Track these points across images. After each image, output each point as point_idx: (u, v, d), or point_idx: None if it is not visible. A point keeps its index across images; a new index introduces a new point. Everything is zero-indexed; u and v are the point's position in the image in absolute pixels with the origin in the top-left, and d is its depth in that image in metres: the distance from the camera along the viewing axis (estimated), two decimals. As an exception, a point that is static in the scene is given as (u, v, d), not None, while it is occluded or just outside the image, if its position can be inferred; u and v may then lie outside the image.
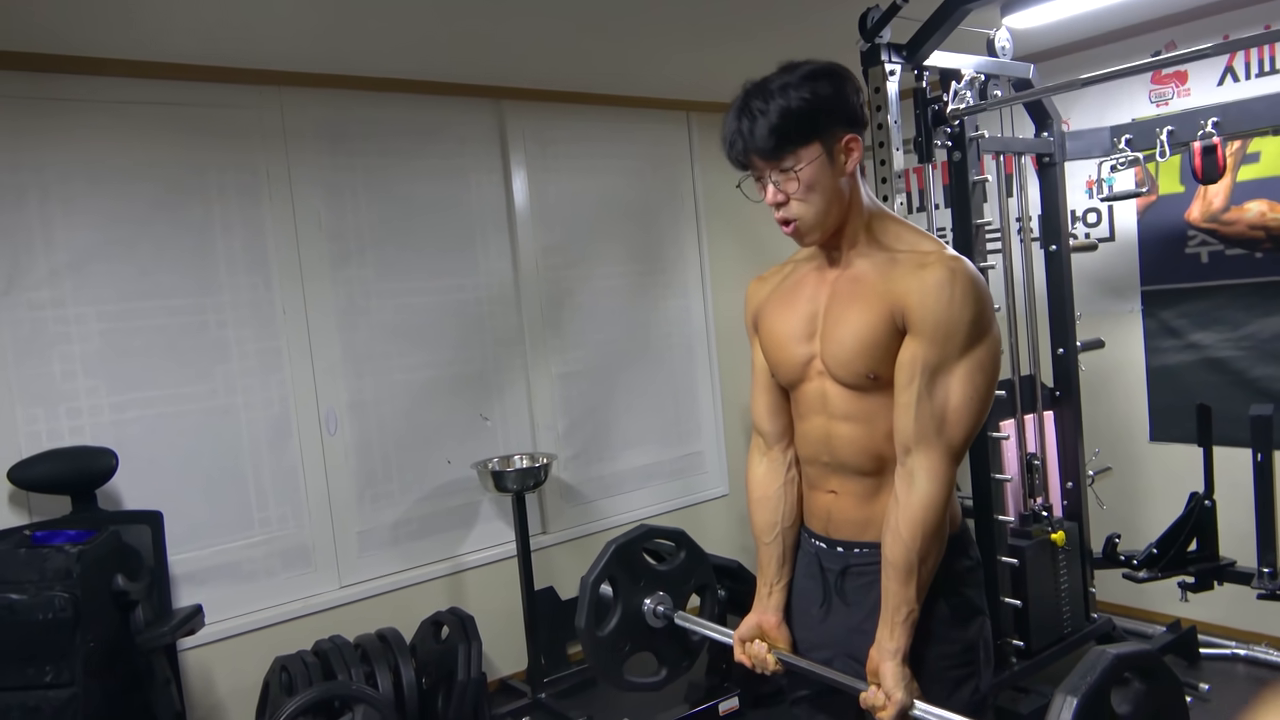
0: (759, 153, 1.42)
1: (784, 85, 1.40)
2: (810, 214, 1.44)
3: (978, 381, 1.41)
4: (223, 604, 2.94)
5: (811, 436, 1.57)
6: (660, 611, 1.90)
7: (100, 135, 2.78)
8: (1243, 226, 3.20)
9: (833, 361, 1.49)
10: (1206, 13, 3.18)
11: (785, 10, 2.87)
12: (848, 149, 1.44)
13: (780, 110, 1.38)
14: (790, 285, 1.60)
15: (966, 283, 1.39)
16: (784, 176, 1.43)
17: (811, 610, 1.62)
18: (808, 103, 1.39)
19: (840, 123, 1.42)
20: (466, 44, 2.98)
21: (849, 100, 1.44)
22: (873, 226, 1.49)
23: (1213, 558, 2.92)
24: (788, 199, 1.44)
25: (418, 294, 3.41)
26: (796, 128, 1.39)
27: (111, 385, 2.79)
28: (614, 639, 1.88)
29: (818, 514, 1.60)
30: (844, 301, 1.48)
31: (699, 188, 4.23)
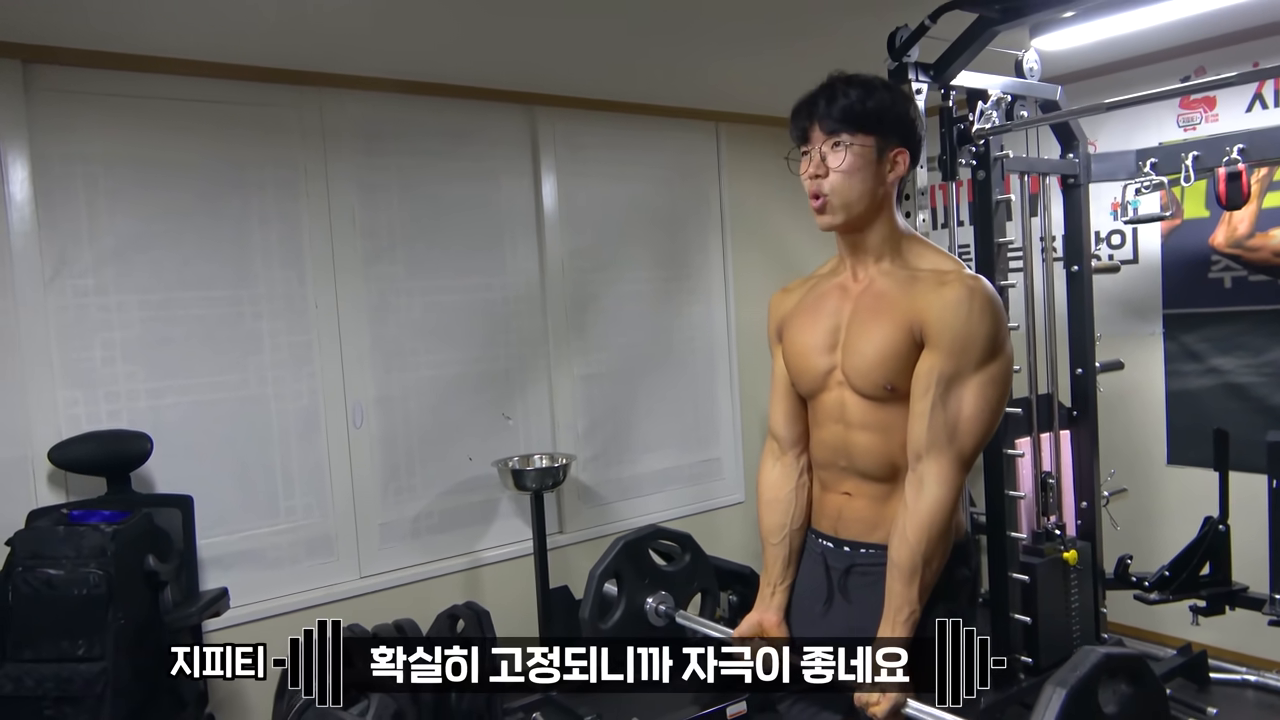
0: (822, 121, 1.52)
1: (870, 82, 1.52)
2: (842, 193, 1.52)
3: (990, 395, 1.48)
4: (247, 589, 3.02)
5: (828, 443, 1.63)
6: (662, 610, 1.96)
7: (147, 130, 2.88)
8: (1267, 253, 3.21)
9: (853, 373, 1.56)
10: (1237, 39, 3.19)
11: (816, 25, 2.92)
12: (895, 160, 1.53)
13: (860, 96, 1.50)
14: (814, 298, 1.66)
15: (984, 300, 1.47)
16: (834, 151, 1.51)
17: (814, 607, 1.67)
18: (883, 103, 1.51)
19: (900, 136, 1.53)
20: (501, 50, 3.05)
21: (915, 126, 1.56)
22: (900, 245, 1.58)
23: (1225, 582, 2.93)
24: (828, 173, 1.52)
25: (446, 292, 3.49)
26: (864, 114, 1.50)
27: (149, 371, 2.88)
28: (615, 633, 1.93)
29: (828, 514, 1.66)
30: (866, 316, 1.55)
31: (725, 197, 4.27)
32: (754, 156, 4.29)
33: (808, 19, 2.86)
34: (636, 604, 1.96)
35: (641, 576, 1.95)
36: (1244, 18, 3.04)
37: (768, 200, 4.32)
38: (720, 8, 2.72)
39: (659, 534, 2.03)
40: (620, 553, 1.93)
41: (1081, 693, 1.10)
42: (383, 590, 3.31)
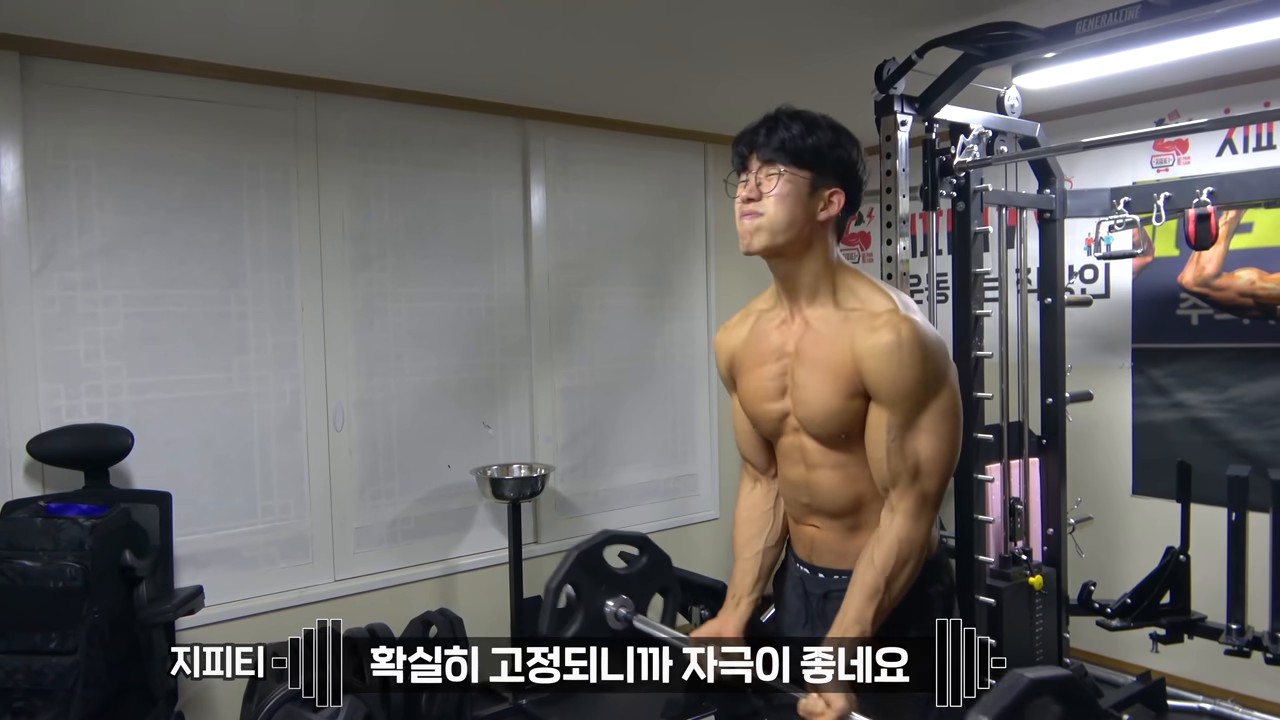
0: (759, 149, 1.55)
1: (815, 120, 1.55)
2: (771, 217, 1.53)
3: (943, 430, 1.51)
4: (221, 588, 3.02)
5: (792, 481, 1.68)
6: (621, 614, 1.93)
7: (141, 126, 2.89)
8: (1233, 293, 3.31)
9: (807, 422, 1.60)
10: (1210, 86, 3.31)
11: (806, 53, 2.99)
12: (829, 199, 1.56)
13: (801, 131, 1.53)
14: (756, 338, 1.69)
15: (913, 343, 1.47)
16: (768, 179, 1.54)
17: (796, 630, 1.71)
18: (823, 141, 1.53)
19: (837, 176, 1.56)
20: (496, 63, 3.10)
21: (855, 169, 1.58)
22: (835, 283, 1.59)
23: (1184, 611, 3.00)
24: (760, 197, 1.54)
25: (433, 300, 3.52)
26: (801, 149, 1.52)
27: (132, 367, 2.89)
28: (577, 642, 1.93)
29: (802, 542, 1.71)
30: (809, 366, 1.57)
31: (711, 217, 4.34)
32: (740, 178, 4.36)
33: (798, 49, 2.93)
34: (595, 609, 1.95)
35: (599, 583, 1.94)
36: (1217, 65, 3.15)
37: (752, 222, 4.38)
38: (713, 35, 2.79)
39: (613, 538, 2.01)
40: (575, 563, 1.92)
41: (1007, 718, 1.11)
42: (357, 594, 3.32)
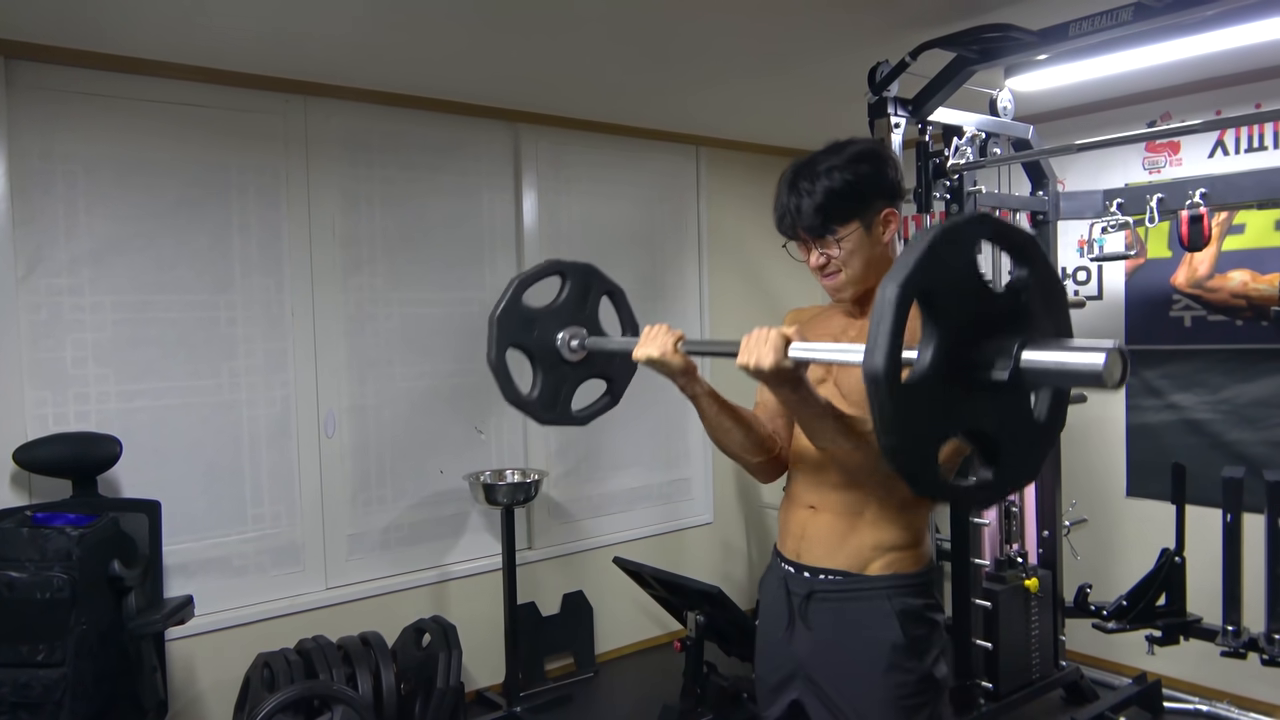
0: (806, 229, 1.58)
1: (830, 167, 1.55)
2: (848, 275, 1.59)
3: None
4: (212, 597, 2.99)
5: (807, 457, 1.67)
6: (574, 344, 1.89)
7: (129, 131, 2.86)
8: (1225, 294, 3.32)
9: (845, 385, 1.60)
10: (1202, 87, 3.32)
11: (799, 56, 2.98)
12: (885, 220, 1.59)
13: (825, 191, 1.54)
14: (819, 324, 1.72)
15: None
16: (826, 245, 1.58)
17: (776, 633, 1.69)
18: (850, 184, 1.54)
19: (879, 198, 1.58)
20: (488, 67, 3.08)
21: (888, 178, 1.59)
22: None
23: (1180, 613, 3.00)
24: (829, 261, 1.59)
25: (424, 305, 3.49)
26: (839, 207, 1.55)
27: (120, 374, 2.85)
28: (549, 393, 1.88)
29: (792, 533, 1.68)
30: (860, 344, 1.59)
31: (704, 221, 4.33)
32: (734, 181, 4.36)
33: (790, 51, 2.92)
34: (548, 356, 1.89)
35: (536, 329, 1.88)
36: (1208, 67, 3.16)
37: (746, 225, 4.38)
38: (705, 37, 2.78)
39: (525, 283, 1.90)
40: (499, 326, 1.84)
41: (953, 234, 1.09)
42: (349, 602, 3.28)
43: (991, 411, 1.14)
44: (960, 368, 1.10)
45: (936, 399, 1.10)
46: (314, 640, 3.02)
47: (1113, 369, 1.01)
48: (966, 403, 1.12)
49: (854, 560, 1.59)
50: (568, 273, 1.97)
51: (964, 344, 1.10)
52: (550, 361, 1.90)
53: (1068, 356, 1.06)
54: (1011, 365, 1.08)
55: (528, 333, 1.88)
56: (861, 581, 1.58)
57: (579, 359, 1.92)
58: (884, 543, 1.57)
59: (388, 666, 3.00)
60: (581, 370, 1.94)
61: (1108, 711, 3.15)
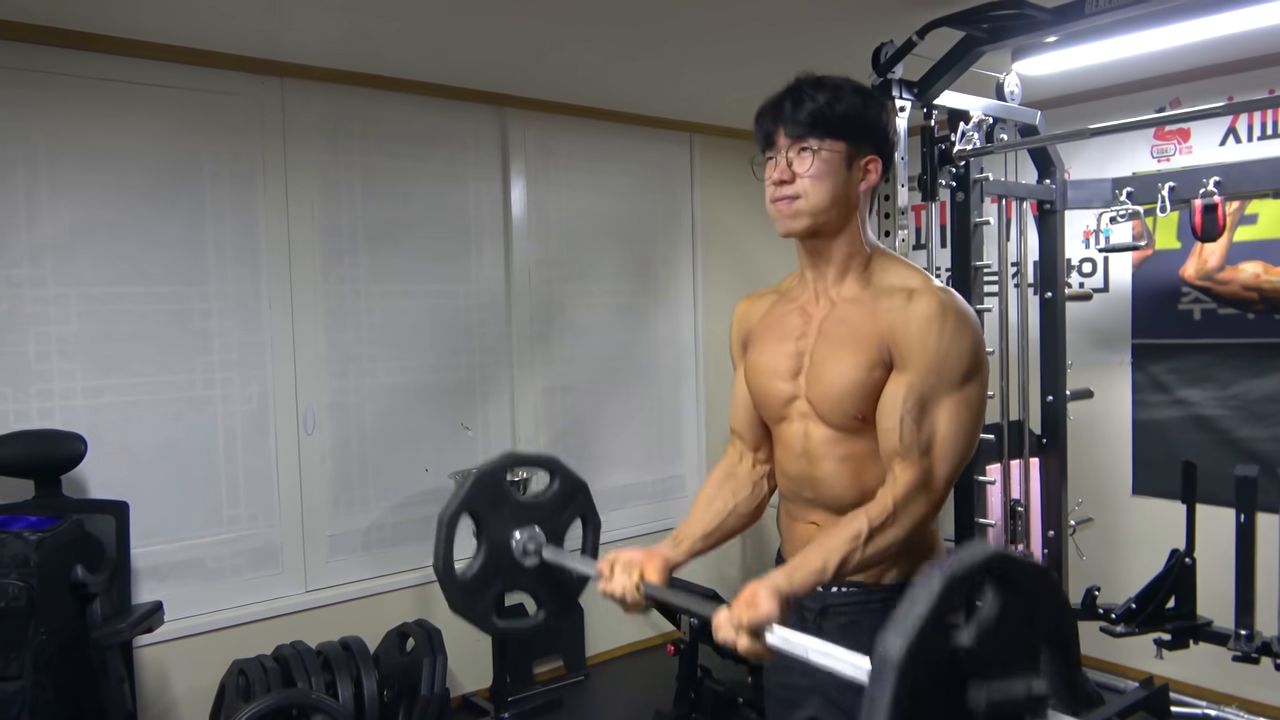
0: (788, 125, 1.42)
1: (840, 85, 1.43)
2: (812, 198, 1.41)
3: (964, 418, 1.37)
4: (184, 601, 2.86)
5: (792, 475, 1.54)
6: (530, 548, 1.70)
7: (94, 114, 2.73)
8: (1236, 287, 3.22)
9: (819, 401, 1.45)
10: (1212, 73, 3.21)
11: (798, 36, 2.87)
12: (867, 169, 1.45)
13: (828, 100, 1.41)
14: (779, 316, 1.56)
15: (958, 315, 1.37)
16: (800, 156, 1.41)
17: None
18: (854, 108, 1.42)
19: (871, 142, 1.44)
20: (474, 48, 2.96)
21: (886, 131, 1.47)
22: (868, 262, 1.48)
23: (1190, 616, 2.91)
24: (794, 178, 1.42)
25: (408, 297, 3.37)
26: (834, 119, 1.40)
27: (87, 369, 2.72)
28: (480, 580, 1.66)
29: (798, 546, 1.56)
30: (832, 342, 1.45)
31: (698, 210, 4.21)
32: (728, 169, 4.24)
33: (789, 32, 2.81)
34: (501, 544, 1.69)
35: (501, 512, 1.68)
36: (1219, 52, 3.06)
37: (741, 214, 4.26)
38: (699, 17, 2.66)
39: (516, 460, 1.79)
40: (473, 488, 1.65)
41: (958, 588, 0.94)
42: (330, 605, 3.16)
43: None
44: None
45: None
46: (292, 646, 2.90)
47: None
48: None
49: (867, 572, 1.46)
50: (560, 476, 1.79)
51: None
52: (497, 554, 1.68)
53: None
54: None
55: (493, 510, 1.67)
56: (877, 592, 1.46)
57: (529, 565, 1.71)
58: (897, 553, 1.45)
59: (369, 673, 2.88)
60: (522, 578, 1.72)
61: (1114, 716, 3.05)
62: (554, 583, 1.75)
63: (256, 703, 2.43)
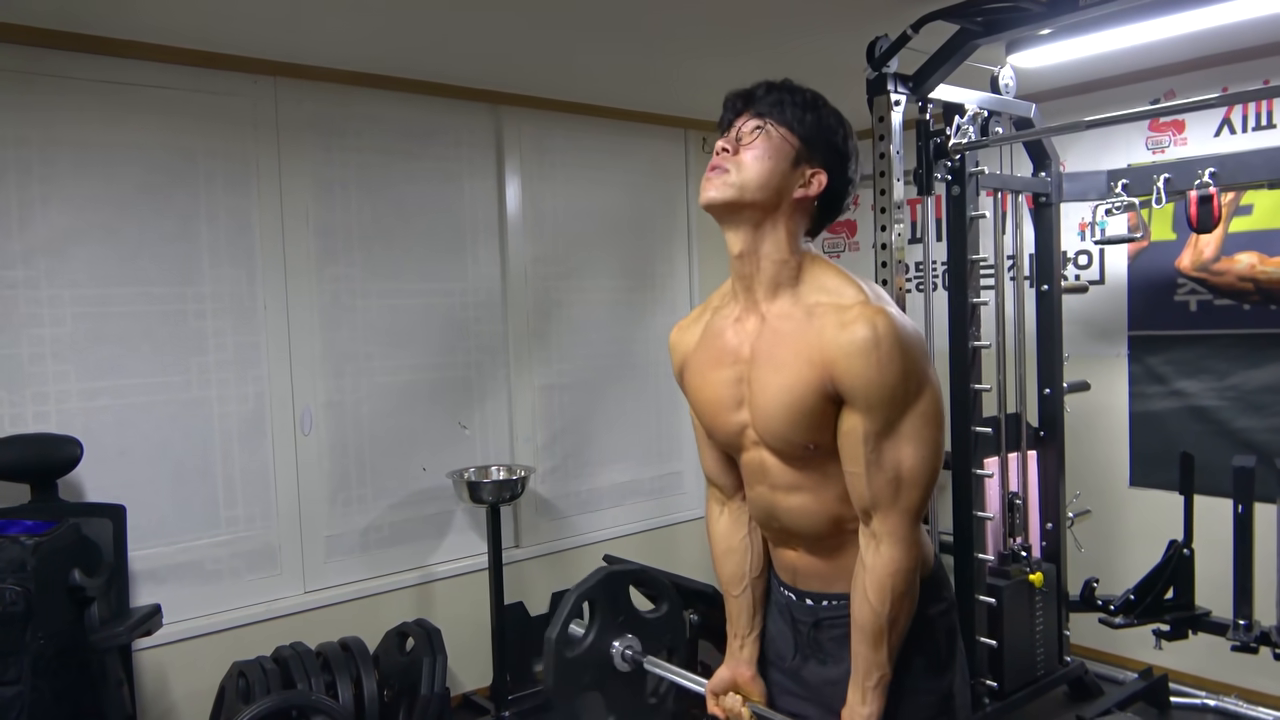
0: (748, 101, 1.41)
1: (815, 96, 1.42)
2: (745, 172, 1.36)
3: (925, 436, 1.34)
4: (182, 604, 2.85)
5: (759, 504, 1.50)
6: (629, 655, 1.81)
7: (87, 115, 2.71)
8: (1232, 278, 3.22)
9: (767, 434, 1.41)
10: (1206, 64, 3.21)
11: (794, 31, 2.86)
12: (810, 179, 1.39)
13: (796, 101, 1.40)
14: (711, 337, 1.49)
15: (891, 339, 1.28)
16: (750, 134, 1.38)
17: (784, 662, 1.56)
18: (820, 120, 1.40)
19: (823, 159, 1.40)
20: (468, 46, 2.94)
21: (846, 153, 1.42)
22: (798, 274, 1.40)
23: (1189, 607, 2.92)
24: (737, 151, 1.38)
25: (404, 296, 3.35)
26: (797, 113, 1.39)
27: (82, 372, 2.71)
28: (578, 665, 1.78)
29: (785, 566, 1.54)
30: (768, 365, 1.39)
31: (693, 207, 4.20)
32: (722, 166, 4.23)
33: (785, 26, 2.80)
34: (604, 641, 1.83)
35: (616, 614, 1.85)
36: (1214, 43, 3.06)
37: (735, 211, 4.25)
38: (694, 12, 2.65)
39: (645, 575, 1.95)
40: (601, 582, 1.82)
41: None
42: (328, 606, 3.15)
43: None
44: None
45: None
46: (291, 647, 2.89)
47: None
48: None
49: None
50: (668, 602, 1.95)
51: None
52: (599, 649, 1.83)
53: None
54: None
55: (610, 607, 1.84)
56: None
57: (624, 670, 1.83)
58: None
59: (369, 673, 2.87)
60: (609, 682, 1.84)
61: (1114, 707, 3.06)
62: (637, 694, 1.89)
63: (256, 704, 2.43)
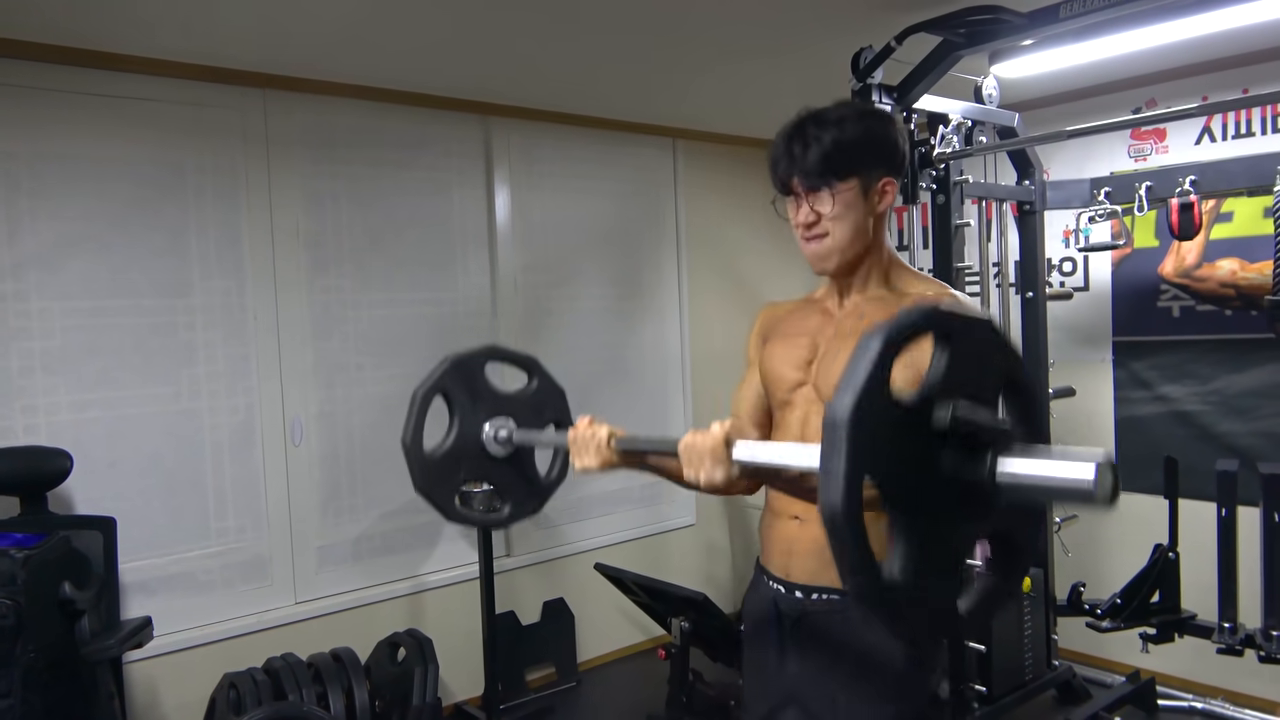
0: (804, 174, 1.45)
1: (841, 118, 1.45)
2: (836, 238, 1.47)
3: None
4: (173, 615, 2.85)
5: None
6: (501, 436, 1.72)
7: (76, 127, 2.71)
8: (1214, 284, 3.26)
9: (825, 386, 1.48)
10: (1187, 73, 3.25)
11: (779, 43, 2.89)
12: (883, 191, 1.48)
13: (834, 140, 1.43)
14: (799, 317, 1.61)
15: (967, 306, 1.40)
16: (819, 199, 1.45)
17: (766, 658, 1.57)
18: (860, 138, 1.44)
19: (882, 164, 1.47)
20: (457, 58, 2.96)
21: (896, 146, 1.49)
22: (889, 272, 1.53)
23: (1175, 610, 2.94)
24: (819, 219, 1.47)
25: (394, 306, 3.36)
26: (844, 159, 1.43)
27: (72, 384, 2.71)
28: (447, 462, 1.68)
29: (778, 548, 1.57)
30: (846, 336, 1.48)
31: (682, 215, 4.22)
32: (712, 175, 4.26)
33: (770, 38, 2.82)
34: (472, 431, 1.71)
35: (476, 401, 1.71)
36: (1194, 52, 3.10)
37: (725, 220, 4.28)
38: (681, 25, 2.67)
39: (496, 352, 1.80)
40: (449, 371, 1.69)
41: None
42: (320, 617, 3.15)
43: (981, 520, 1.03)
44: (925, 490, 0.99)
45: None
46: (283, 658, 2.89)
47: (1104, 483, 0.89)
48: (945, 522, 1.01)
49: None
50: (538, 377, 1.82)
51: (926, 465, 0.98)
52: (467, 439, 1.71)
53: (1052, 468, 0.94)
54: (988, 477, 0.97)
55: (468, 397, 1.71)
56: None
57: (499, 455, 1.73)
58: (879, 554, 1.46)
59: (361, 684, 2.88)
60: (490, 468, 1.74)
61: (1101, 711, 3.08)
62: (522, 478, 1.77)
63: (248, 716, 2.43)
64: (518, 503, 1.80)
